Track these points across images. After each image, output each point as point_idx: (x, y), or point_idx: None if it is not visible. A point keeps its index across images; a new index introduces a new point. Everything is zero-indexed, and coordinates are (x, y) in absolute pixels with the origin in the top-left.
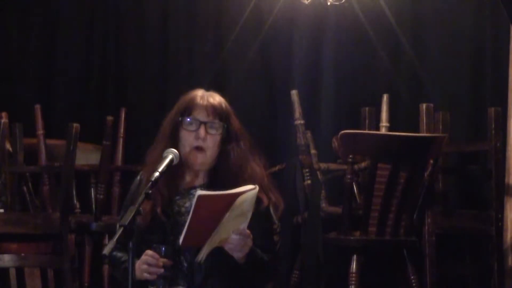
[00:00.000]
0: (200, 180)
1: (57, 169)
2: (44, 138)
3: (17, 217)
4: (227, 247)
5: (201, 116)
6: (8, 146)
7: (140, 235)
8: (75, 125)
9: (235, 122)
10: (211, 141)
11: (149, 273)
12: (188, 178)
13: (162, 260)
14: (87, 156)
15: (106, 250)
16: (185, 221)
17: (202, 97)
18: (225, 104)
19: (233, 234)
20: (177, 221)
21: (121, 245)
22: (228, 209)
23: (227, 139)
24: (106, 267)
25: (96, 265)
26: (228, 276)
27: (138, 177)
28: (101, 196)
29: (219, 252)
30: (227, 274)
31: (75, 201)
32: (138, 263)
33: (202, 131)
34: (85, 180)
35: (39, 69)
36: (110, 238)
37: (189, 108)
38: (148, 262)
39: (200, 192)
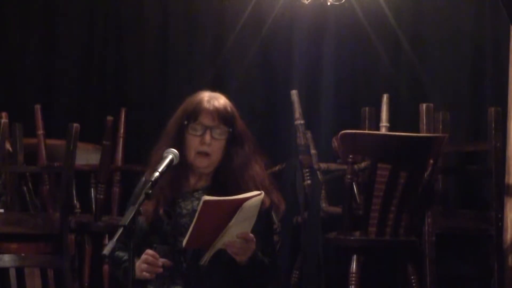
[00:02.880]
0: (203, 183)
1: (57, 169)
2: (44, 138)
3: (17, 217)
4: (230, 250)
5: (206, 121)
6: (8, 146)
7: (142, 235)
8: (75, 125)
9: (240, 125)
10: (216, 145)
11: (148, 272)
12: (192, 180)
13: (162, 260)
14: (87, 156)
15: (106, 250)
16: (186, 223)
17: (208, 101)
18: (231, 107)
19: (237, 238)
20: (178, 223)
21: (123, 245)
22: (234, 215)
23: (231, 142)
24: (106, 267)
25: (96, 265)
26: (227, 278)
27: (143, 179)
28: (101, 196)
29: (219, 254)
30: (226, 275)
31: (75, 201)
32: (138, 263)
33: (207, 136)
34: (85, 180)
35: (39, 69)
36: (110, 238)
37: (195, 113)
38: (148, 262)
39: (205, 197)
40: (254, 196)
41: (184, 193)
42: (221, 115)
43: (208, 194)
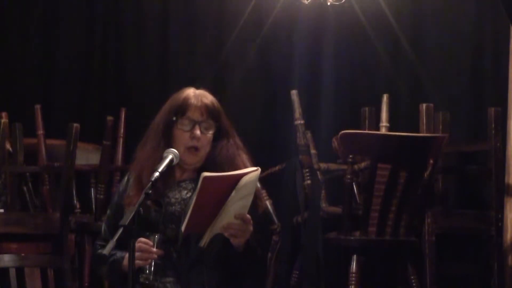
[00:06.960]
0: (189, 174)
1: (57, 169)
2: (44, 138)
3: (17, 217)
4: (228, 233)
5: (195, 116)
6: (8, 146)
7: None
8: (75, 125)
9: (225, 120)
10: (204, 140)
11: (142, 259)
12: (178, 173)
13: (154, 250)
14: (87, 156)
15: (106, 250)
16: (177, 210)
17: (195, 97)
18: (216, 103)
19: (234, 219)
20: (167, 211)
21: (104, 242)
22: (232, 191)
23: (218, 137)
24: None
25: None
26: (217, 267)
27: (126, 177)
28: (101, 196)
29: (210, 244)
30: (216, 265)
31: (75, 201)
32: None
33: (197, 131)
34: (85, 180)
35: (39, 69)
36: None
37: (183, 108)
38: (141, 249)
39: (205, 173)
40: (251, 172)
41: (170, 185)
42: (209, 110)
43: (195, 185)
